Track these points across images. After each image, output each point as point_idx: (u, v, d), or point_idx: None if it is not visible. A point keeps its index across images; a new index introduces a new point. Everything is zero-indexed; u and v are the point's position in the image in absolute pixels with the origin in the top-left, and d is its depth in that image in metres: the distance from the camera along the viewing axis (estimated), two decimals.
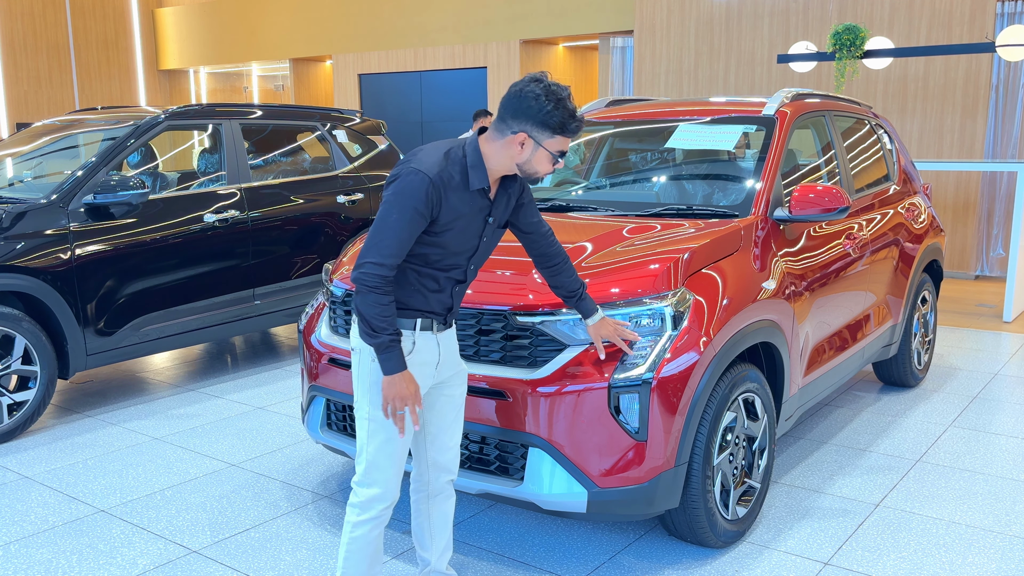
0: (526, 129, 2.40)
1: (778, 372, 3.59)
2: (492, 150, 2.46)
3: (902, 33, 9.22)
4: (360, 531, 2.55)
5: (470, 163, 2.45)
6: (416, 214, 2.36)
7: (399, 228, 2.36)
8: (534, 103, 2.37)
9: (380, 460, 2.52)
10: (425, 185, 2.35)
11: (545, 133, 2.40)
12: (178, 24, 17.40)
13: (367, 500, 2.53)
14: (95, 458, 4.31)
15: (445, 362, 2.64)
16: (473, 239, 2.54)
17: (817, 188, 3.69)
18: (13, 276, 4.47)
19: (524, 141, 2.42)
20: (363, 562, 2.57)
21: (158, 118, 5.39)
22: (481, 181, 2.46)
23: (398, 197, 2.36)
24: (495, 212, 2.57)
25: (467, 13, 13.18)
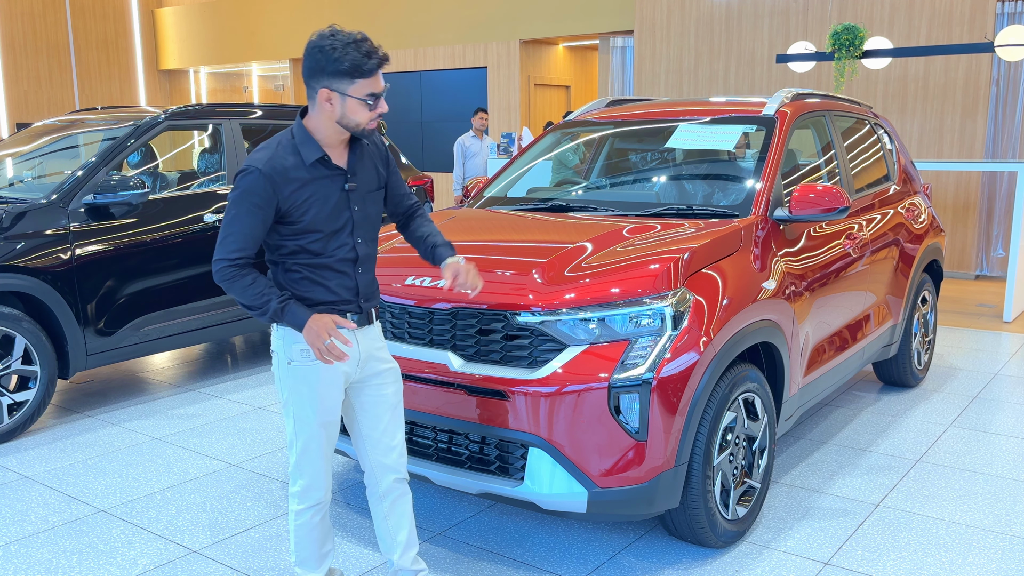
0: (325, 84, 2.39)
1: (778, 372, 3.59)
2: (313, 120, 2.47)
3: (902, 33, 9.22)
4: (302, 519, 2.67)
5: (298, 140, 2.47)
6: (254, 207, 2.40)
7: (240, 223, 2.41)
8: (321, 56, 2.36)
9: (307, 454, 2.62)
10: (255, 178, 2.40)
11: (344, 81, 2.38)
12: (178, 24, 17.41)
13: (302, 490, 2.65)
14: (95, 458, 4.31)
15: (369, 358, 2.65)
16: (342, 212, 2.54)
17: (817, 188, 3.69)
18: (13, 276, 4.47)
19: (330, 97, 2.41)
20: (312, 544, 2.71)
21: (158, 118, 5.39)
22: (314, 152, 2.47)
23: (236, 197, 2.43)
24: (354, 179, 2.56)
25: (467, 13, 13.18)
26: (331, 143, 2.52)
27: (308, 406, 2.58)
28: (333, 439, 2.67)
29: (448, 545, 3.36)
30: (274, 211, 2.45)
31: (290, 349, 2.55)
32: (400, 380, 2.79)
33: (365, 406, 2.71)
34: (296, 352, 2.54)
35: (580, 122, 4.84)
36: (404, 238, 2.91)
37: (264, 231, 2.46)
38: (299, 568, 2.75)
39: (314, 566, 2.75)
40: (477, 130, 10.19)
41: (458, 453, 3.14)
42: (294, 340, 2.53)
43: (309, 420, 2.59)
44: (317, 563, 2.75)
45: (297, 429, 2.61)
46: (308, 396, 2.57)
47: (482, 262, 3.45)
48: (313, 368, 2.54)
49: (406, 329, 3.26)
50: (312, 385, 2.56)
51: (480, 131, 10.21)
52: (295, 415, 2.61)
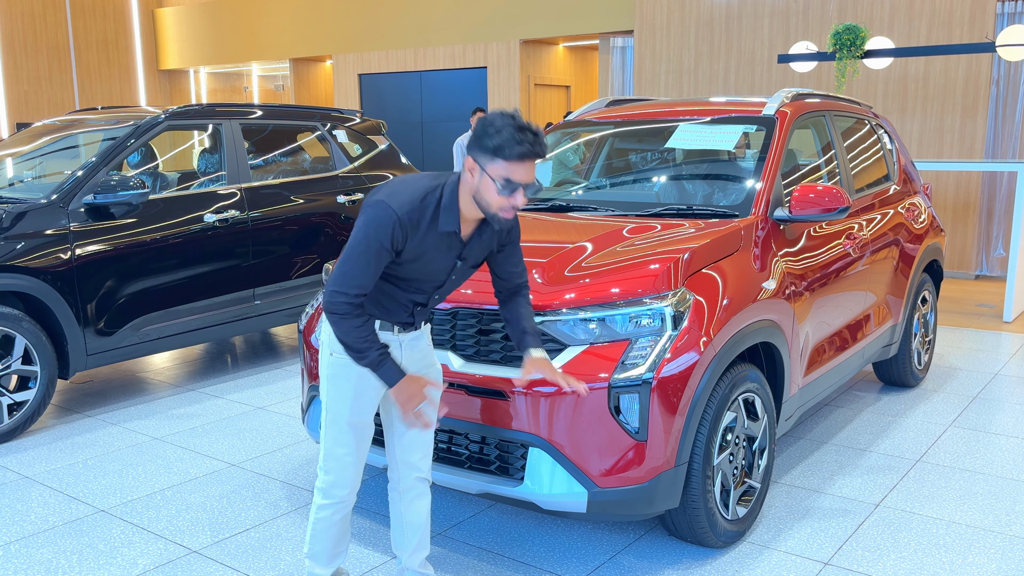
0: (475, 154, 2.38)
1: (778, 372, 3.59)
2: (463, 192, 2.45)
3: (902, 33, 9.22)
4: (324, 513, 2.69)
5: (444, 204, 2.44)
6: (381, 248, 2.39)
7: (365, 261, 2.40)
8: (483, 127, 2.35)
9: (335, 450, 2.62)
10: (392, 222, 2.37)
11: (486, 156, 2.34)
12: (178, 24, 17.41)
13: (327, 486, 2.66)
14: (95, 458, 4.31)
15: (411, 363, 2.67)
16: (440, 275, 2.57)
17: (817, 188, 3.69)
18: (13, 276, 4.47)
19: (472, 167, 2.39)
20: (328, 540, 2.72)
21: (158, 118, 5.39)
22: (451, 224, 2.45)
23: (367, 229, 2.39)
24: (467, 254, 2.57)
25: (467, 13, 13.18)
26: (468, 216, 2.49)
27: (342, 401, 2.60)
28: (363, 442, 2.65)
29: (448, 545, 3.36)
30: (395, 253, 2.44)
31: (335, 341, 2.55)
32: (439, 381, 2.79)
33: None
34: (340, 347, 2.55)
35: (580, 122, 4.84)
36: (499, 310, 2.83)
37: (381, 270, 2.44)
38: (309, 560, 2.78)
39: (325, 562, 2.77)
40: None
41: (458, 453, 3.14)
42: None
43: (340, 416, 2.61)
44: (328, 560, 2.77)
45: (328, 423, 2.63)
46: (344, 391, 2.59)
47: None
48: (347, 365, 2.56)
49: None
50: (350, 380, 2.57)
51: None
52: (328, 408, 2.63)
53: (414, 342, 2.67)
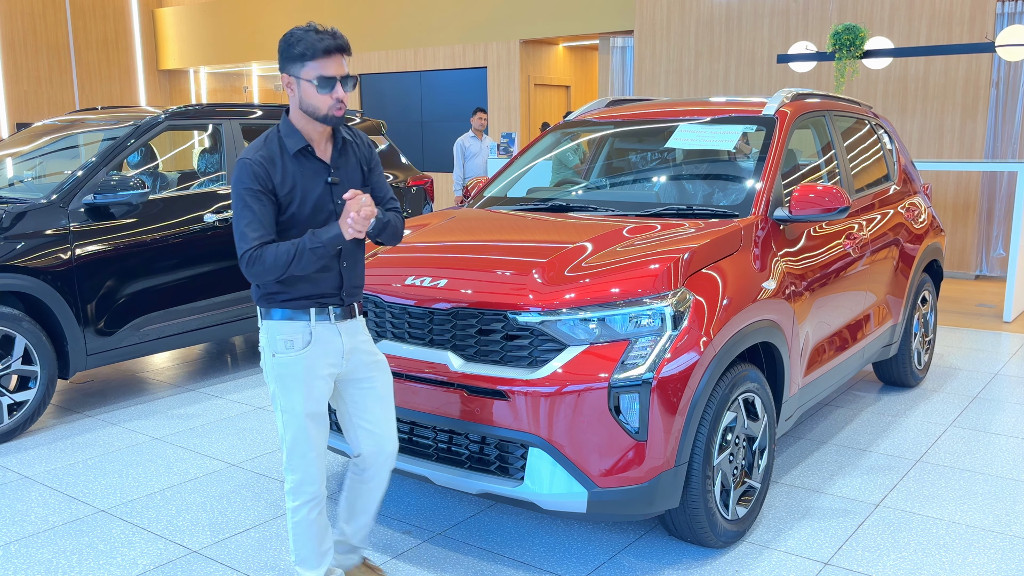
0: (287, 70, 2.51)
1: (778, 372, 3.59)
2: (292, 113, 2.58)
3: (902, 33, 9.22)
4: (300, 515, 2.71)
5: (283, 133, 2.58)
6: (255, 193, 2.49)
7: (247, 211, 2.49)
8: (284, 44, 2.50)
9: (298, 447, 2.66)
10: (249, 166, 2.50)
11: (296, 65, 2.49)
12: (178, 24, 17.41)
13: (295, 486, 2.69)
14: (95, 458, 4.31)
15: (354, 351, 2.71)
16: (325, 205, 2.61)
17: (817, 188, 3.69)
18: (13, 276, 4.47)
19: (289, 82, 2.52)
20: (312, 541, 2.74)
21: (158, 118, 5.39)
22: (297, 143, 2.56)
23: (235, 189, 2.52)
24: (337, 174, 2.65)
25: (467, 13, 13.18)
26: (312, 136, 2.60)
27: (295, 396, 2.63)
28: (323, 432, 2.70)
29: (448, 545, 3.36)
30: (273, 196, 2.53)
31: (275, 342, 2.62)
32: (388, 371, 2.84)
33: (355, 398, 2.77)
34: (280, 344, 2.61)
35: (580, 122, 4.84)
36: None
37: (273, 215, 2.52)
38: (299, 567, 2.78)
39: (314, 564, 2.77)
40: (476, 130, 10.19)
41: (458, 453, 3.14)
42: (278, 332, 2.61)
43: (296, 411, 2.64)
44: (317, 561, 2.78)
45: (286, 423, 2.66)
46: (294, 387, 2.62)
47: (482, 262, 3.46)
48: (297, 359, 2.61)
49: (406, 329, 3.26)
50: (297, 375, 2.62)
51: (479, 131, 10.21)
52: (283, 408, 2.66)
53: (352, 332, 2.71)
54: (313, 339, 2.62)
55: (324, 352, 2.64)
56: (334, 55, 2.50)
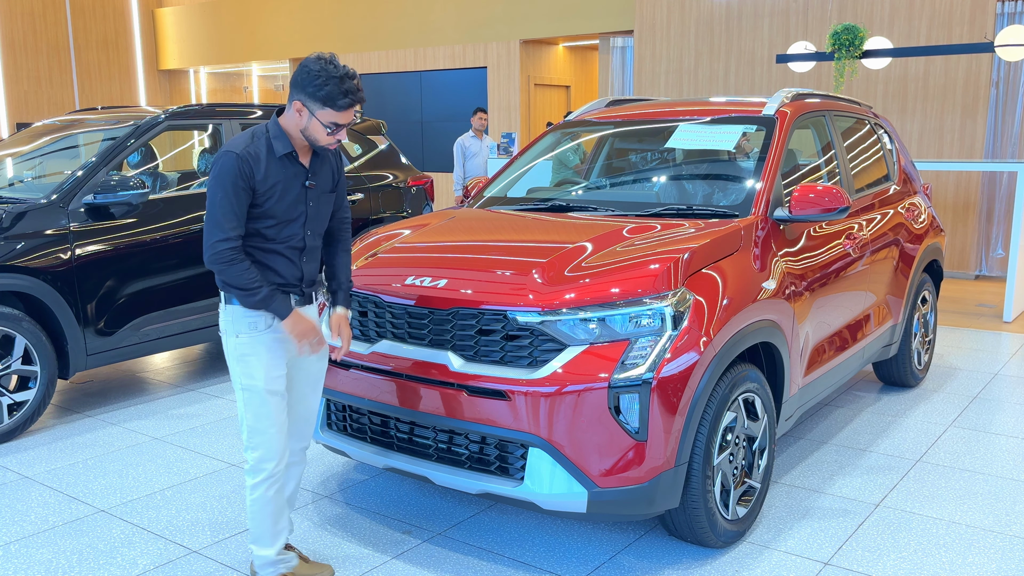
0: (300, 98, 2.66)
1: (778, 372, 3.59)
2: (285, 120, 2.73)
3: (902, 33, 9.22)
4: (257, 492, 2.83)
5: (272, 134, 2.73)
6: (236, 187, 2.63)
7: (227, 202, 2.64)
8: (307, 76, 2.62)
9: (258, 424, 2.79)
10: (234, 160, 2.63)
11: (315, 104, 2.64)
12: (178, 24, 17.41)
13: (256, 462, 2.82)
14: (95, 458, 4.31)
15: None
16: (299, 205, 2.80)
17: (817, 188, 3.69)
18: (13, 276, 4.47)
19: (300, 109, 2.67)
20: (268, 518, 2.86)
21: (158, 118, 5.39)
22: (285, 147, 2.72)
23: (217, 178, 2.65)
24: (314, 178, 2.83)
25: (467, 13, 13.18)
26: (298, 145, 2.77)
27: (256, 374, 2.78)
28: (282, 411, 2.83)
29: (448, 545, 3.36)
30: (251, 192, 2.68)
31: (239, 323, 2.76)
32: (327, 358, 3.04)
33: (295, 378, 2.95)
34: (244, 325, 2.76)
35: (580, 122, 4.84)
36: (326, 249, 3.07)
37: (247, 209, 2.68)
38: (253, 545, 2.91)
39: (269, 543, 2.89)
40: (476, 130, 10.19)
41: (458, 453, 3.14)
42: (243, 316, 2.75)
43: (258, 388, 2.78)
44: (272, 539, 2.89)
45: (247, 401, 2.80)
46: (256, 364, 2.77)
47: (482, 262, 3.46)
48: (259, 339, 2.76)
49: (406, 329, 3.26)
50: (259, 354, 2.77)
51: (479, 131, 10.21)
52: (244, 387, 2.80)
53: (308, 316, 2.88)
54: (275, 322, 2.77)
55: (283, 336, 2.80)
56: (353, 108, 2.68)
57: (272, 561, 2.91)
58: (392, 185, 6.73)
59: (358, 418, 3.45)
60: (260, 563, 2.92)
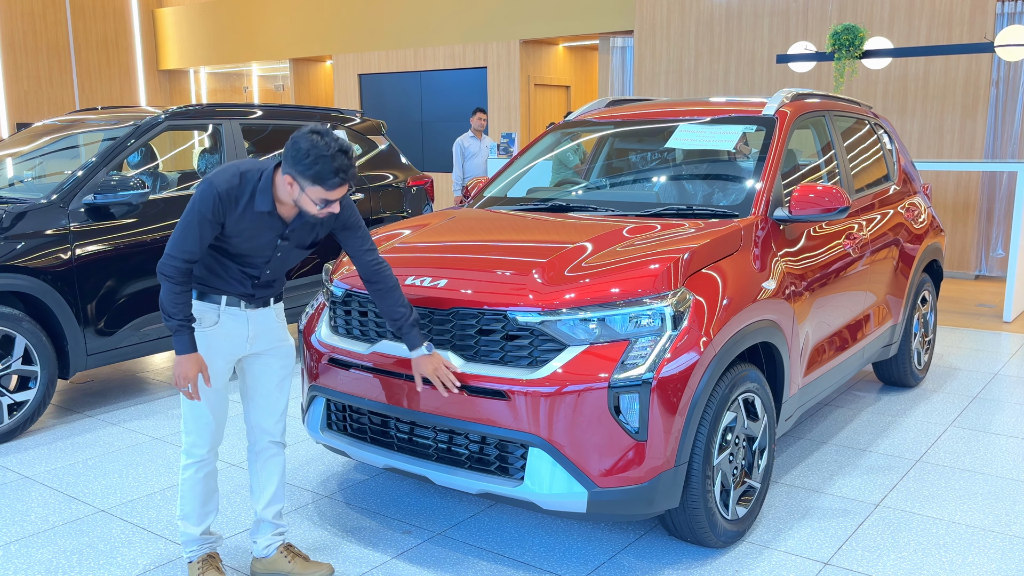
0: (291, 173, 2.68)
1: (778, 372, 3.59)
2: (278, 182, 2.75)
3: (902, 33, 9.22)
4: (188, 473, 2.98)
5: (260, 187, 2.75)
6: (205, 220, 2.71)
7: (192, 230, 2.72)
8: (298, 153, 2.64)
9: (192, 413, 2.93)
10: (213, 196, 2.70)
11: (306, 181, 2.66)
12: (178, 24, 17.41)
13: (188, 446, 2.97)
14: (95, 458, 4.31)
15: (259, 336, 2.97)
16: (266, 251, 2.87)
17: (817, 188, 3.69)
18: (13, 276, 4.47)
19: (291, 183, 2.70)
20: (196, 499, 3.00)
21: (158, 118, 5.39)
22: (265, 205, 2.75)
23: (193, 204, 2.73)
24: (290, 234, 2.87)
25: (467, 13, 13.18)
26: (286, 203, 2.79)
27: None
28: (218, 404, 2.94)
29: (448, 545, 3.36)
30: (220, 226, 2.77)
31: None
32: (291, 356, 3.08)
33: (255, 375, 3.04)
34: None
35: (580, 122, 4.84)
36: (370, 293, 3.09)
37: (209, 240, 2.77)
38: (181, 521, 3.03)
39: (195, 521, 3.02)
40: (476, 130, 10.19)
41: (458, 453, 3.14)
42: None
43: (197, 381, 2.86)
44: (198, 519, 3.02)
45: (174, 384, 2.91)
46: None
47: (482, 262, 3.46)
48: (202, 334, 2.86)
49: None
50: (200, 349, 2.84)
51: (479, 131, 10.21)
52: None
53: (261, 318, 2.96)
54: (220, 321, 2.89)
55: (228, 334, 2.90)
56: (344, 186, 2.69)
57: (196, 539, 3.04)
58: (392, 185, 6.74)
59: (358, 418, 3.45)
60: (185, 539, 3.05)
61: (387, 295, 3.04)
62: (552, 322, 2.97)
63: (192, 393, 2.80)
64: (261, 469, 3.11)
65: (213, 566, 3.05)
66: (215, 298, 2.87)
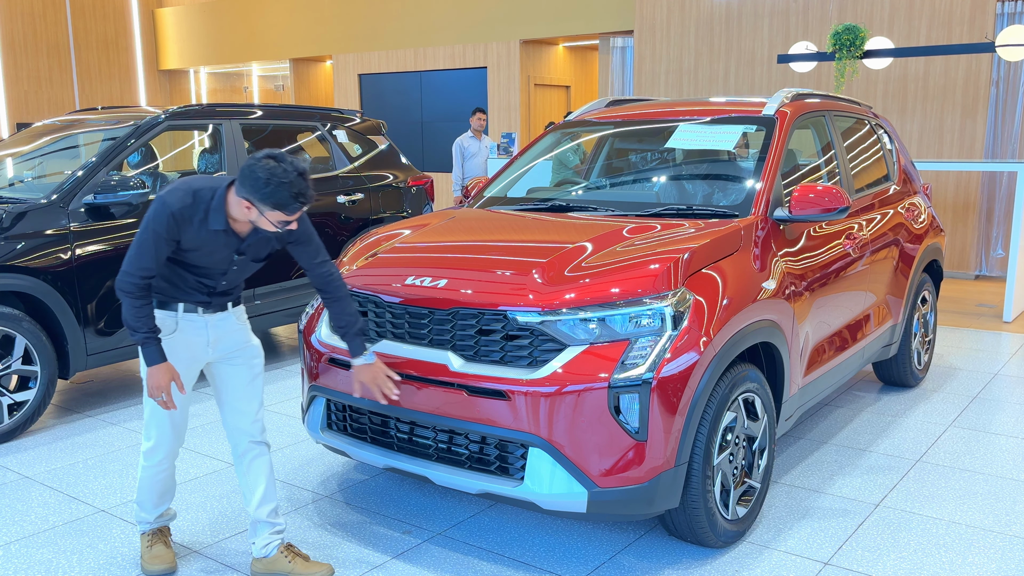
0: (249, 199, 2.71)
1: (778, 372, 3.59)
2: (231, 202, 2.80)
3: (902, 33, 9.22)
4: (147, 472, 3.09)
5: (213, 206, 2.80)
6: (160, 238, 2.77)
7: (147, 247, 2.77)
8: (255, 181, 2.67)
9: (153, 420, 3.01)
10: (167, 215, 2.76)
11: (266, 206, 2.70)
12: (178, 24, 17.41)
13: (147, 450, 3.05)
14: (95, 458, 4.31)
15: (220, 340, 3.02)
16: (222, 265, 2.93)
17: (817, 188, 3.69)
18: (13, 276, 4.47)
19: (248, 207, 2.75)
20: (153, 492, 3.13)
21: (158, 118, 5.39)
22: (219, 223, 2.81)
23: (148, 221, 2.78)
24: (245, 249, 2.93)
25: (467, 13, 13.18)
26: (240, 220, 2.84)
27: None
28: (178, 412, 3.01)
29: (448, 545, 3.36)
30: (175, 243, 2.83)
31: None
32: (258, 357, 3.12)
33: (224, 378, 3.09)
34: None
35: (580, 122, 4.84)
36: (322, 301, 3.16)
37: (166, 256, 2.83)
38: (136, 504, 3.17)
39: (149, 508, 3.16)
40: (475, 130, 10.19)
41: (458, 453, 3.14)
42: None
43: None
44: (153, 507, 3.16)
45: (146, 397, 2.96)
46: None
47: (482, 262, 3.46)
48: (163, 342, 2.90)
49: (406, 329, 3.26)
50: None
51: (478, 131, 10.21)
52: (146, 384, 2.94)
53: (221, 323, 3.01)
54: (179, 328, 2.95)
55: (188, 340, 2.96)
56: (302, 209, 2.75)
57: (149, 521, 3.19)
58: (392, 185, 6.73)
59: (358, 418, 3.45)
60: (138, 518, 3.19)
61: (338, 303, 3.11)
62: (552, 322, 2.97)
63: (167, 402, 2.86)
64: (248, 471, 3.13)
65: (161, 540, 3.19)
66: (172, 306, 2.94)
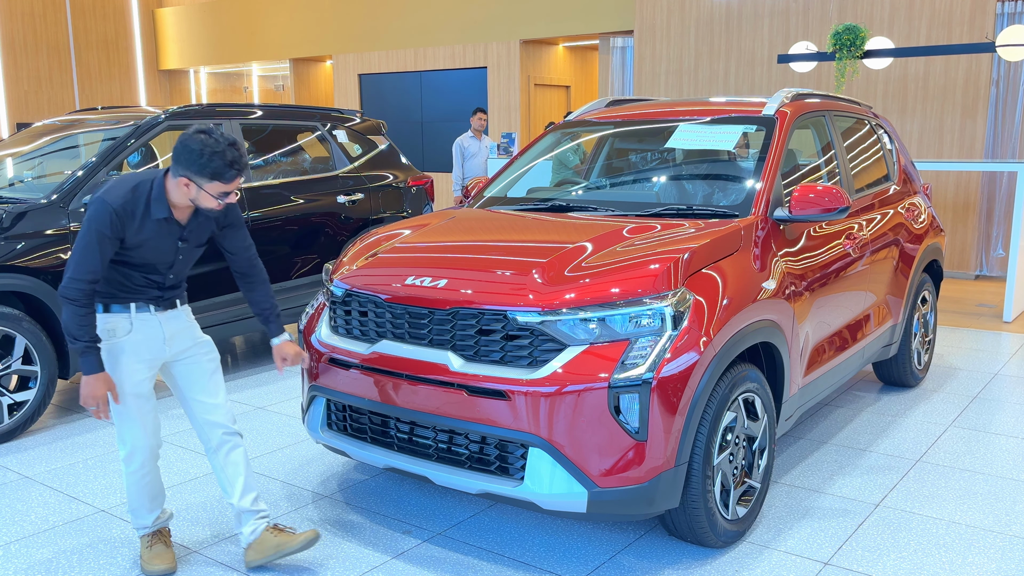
0: (186, 175, 2.80)
1: (778, 372, 3.59)
2: (170, 187, 2.87)
3: (902, 33, 9.22)
4: (132, 479, 3.10)
5: (153, 196, 2.86)
6: (103, 238, 2.79)
7: (92, 250, 2.79)
8: (189, 154, 2.76)
9: (124, 426, 3.03)
10: (109, 213, 2.78)
11: (203, 179, 2.79)
12: (178, 24, 17.41)
13: (124, 456, 3.07)
14: (95, 458, 4.31)
15: (175, 336, 3.06)
16: (168, 256, 2.97)
17: (817, 188, 3.69)
18: (13, 276, 4.47)
19: (187, 183, 2.81)
20: (143, 496, 3.14)
21: (158, 118, 5.39)
22: (162, 212, 2.87)
23: (89, 223, 2.80)
24: (188, 235, 2.99)
25: (467, 13, 13.18)
26: (180, 205, 2.91)
27: (120, 378, 2.96)
28: (147, 413, 3.04)
29: (448, 545, 3.36)
30: (119, 242, 2.85)
31: (102, 331, 2.94)
32: (213, 351, 3.18)
33: (185, 375, 3.11)
34: (105, 333, 2.94)
35: (580, 122, 4.84)
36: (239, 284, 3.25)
37: (110, 258, 2.84)
38: (130, 514, 3.17)
39: (144, 514, 3.16)
40: (476, 130, 10.18)
41: (458, 453, 3.14)
42: (103, 323, 2.94)
43: (123, 391, 2.97)
44: (148, 512, 3.16)
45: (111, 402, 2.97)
46: (115, 369, 2.96)
47: (482, 262, 3.46)
48: (121, 344, 2.96)
49: (406, 329, 3.26)
50: (118, 359, 2.96)
51: (479, 131, 10.20)
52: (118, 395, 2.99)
53: (173, 320, 3.06)
54: (134, 328, 2.96)
55: (145, 339, 2.98)
56: (240, 177, 2.83)
57: (147, 526, 3.19)
58: (392, 185, 6.74)
59: (358, 418, 3.45)
60: (136, 524, 3.20)
61: (258, 288, 3.22)
62: (552, 322, 2.97)
63: (101, 411, 2.87)
64: (225, 464, 3.14)
65: (161, 540, 3.20)
66: (125, 307, 2.95)
